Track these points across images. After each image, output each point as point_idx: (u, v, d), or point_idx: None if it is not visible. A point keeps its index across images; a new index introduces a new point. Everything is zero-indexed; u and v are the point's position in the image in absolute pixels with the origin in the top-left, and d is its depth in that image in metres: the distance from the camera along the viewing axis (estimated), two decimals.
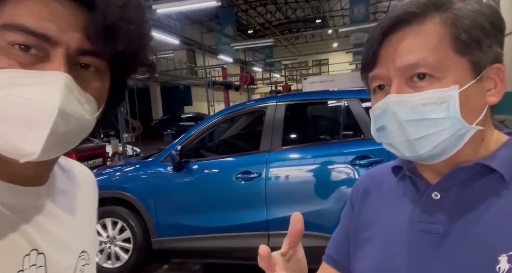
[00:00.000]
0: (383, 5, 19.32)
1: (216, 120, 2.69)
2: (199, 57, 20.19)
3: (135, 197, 2.65)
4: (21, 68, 0.32)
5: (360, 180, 0.58)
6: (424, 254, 0.42)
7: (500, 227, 0.38)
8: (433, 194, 0.44)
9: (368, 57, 0.43)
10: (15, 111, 0.32)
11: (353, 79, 10.07)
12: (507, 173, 0.40)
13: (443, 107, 0.39)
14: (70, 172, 0.48)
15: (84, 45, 0.34)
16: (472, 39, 0.39)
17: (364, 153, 2.21)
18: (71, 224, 0.44)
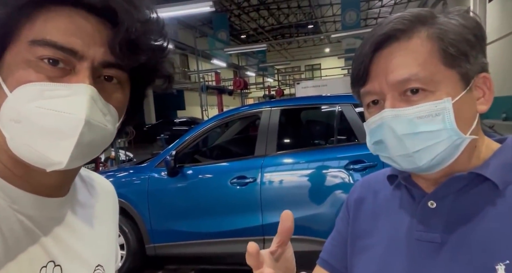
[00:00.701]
0: (374, 12, 19.65)
1: (211, 125, 2.70)
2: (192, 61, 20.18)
3: (128, 203, 2.62)
4: (48, 81, 0.34)
5: (355, 187, 0.58)
6: (422, 263, 0.42)
7: (497, 236, 0.39)
8: (429, 203, 0.44)
9: (360, 72, 0.43)
10: (43, 123, 0.33)
11: (345, 84, 10.21)
12: (500, 181, 0.41)
13: (439, 119, 0.40)
14: (90, 184, 0.48)
15: (108, 58, 0.36)
16: (460, 52, 0.40)
17: (358, 158, 2.24)
18: (89, 237, 0.44)
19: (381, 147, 0.44)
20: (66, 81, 0.35)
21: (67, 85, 0.34)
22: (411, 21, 0.41)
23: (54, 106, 0.33)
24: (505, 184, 0.41)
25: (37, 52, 0.34)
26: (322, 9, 19.07)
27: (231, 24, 18.81)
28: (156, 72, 0.41)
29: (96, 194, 0.48)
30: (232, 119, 2.87)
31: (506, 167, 0.41)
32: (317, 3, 17.90)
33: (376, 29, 0.43)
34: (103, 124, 0.36)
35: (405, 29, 0.41)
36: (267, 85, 22.60)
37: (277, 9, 18.69)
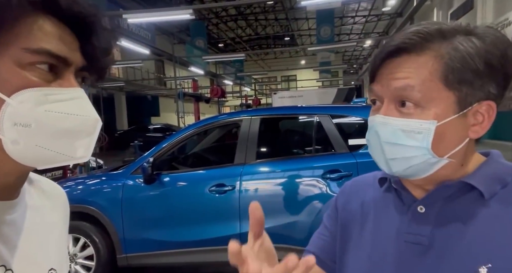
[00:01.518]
0: (347, 28, 20.56)
1: (190, 132, 2.67)
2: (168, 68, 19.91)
3: (100, 211, 2.52)
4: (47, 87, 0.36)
5: (345, 187, 0.60)
6: (410, 264, 0.45)
7: (480, 241, 0.41)
8: (419, 208, 0.46)
9: (371, 72, 0.47)
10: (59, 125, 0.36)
11: (320, 96, 10.50)
12: (486, 191, 0.43)
13: (419, 137, 0.42)
14: (40, 188, 0.48)
15: (84, 64, 0.40)
16: (461, 81, 0.41)
17: (334, 167, 2.31)
18: (41, 240, 0.43)
19: (368, 145, 0.48)
20: (58, 85, 0.37)
21: (67, 89, 0.37)
22: (425, 36, 0.42)
23: (66, 109, 0.36)
24: (490, 193, 0.43)
25: (32, 58, 0.35)
26: (298, 22, 19.67)
27: (209, 32, 18.85)
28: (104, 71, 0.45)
29: (47, 198, 0.48)
30: (211, 127, 2.87)
31: (491, 178, 0.44)
32: (293, 17, 18.44)
33: (394, 36, 0.45)
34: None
35: (417, 43, 0.42)
36: (244, 94, 22.74)
37: (255, 20, 19.03)
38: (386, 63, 0.44)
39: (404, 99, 0.43)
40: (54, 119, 0.36)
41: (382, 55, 0.45)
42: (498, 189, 0.43)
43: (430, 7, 11.74)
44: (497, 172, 0.45)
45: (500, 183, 0.44)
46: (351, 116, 2.63)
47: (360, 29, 21.09)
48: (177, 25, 17.03)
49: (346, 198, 0.58)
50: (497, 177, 0.44)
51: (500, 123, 8.01)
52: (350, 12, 17.99)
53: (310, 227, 2.24)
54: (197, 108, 14.35)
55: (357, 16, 18.32)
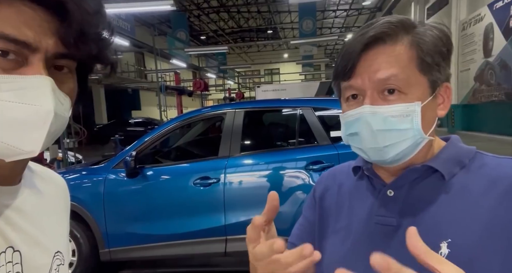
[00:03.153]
0: (328, 22, 20.72)
1: (173, 125, 2.65)
2: (149, 60, 19.43)
3: (81, 206, 2.47)
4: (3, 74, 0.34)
5: (322, 177, 0.63)
6: (381, 245, 0.48)
7: (442, 219, 0.45)
8: (388, 191, 0.50)
9: (346, 68, 0.47)
10: (10, 115, 0.33)
11: (303, 89, 10.60)
12: (446, 173, 0.47)
13: (408, 120, 0.45)
14: (41, 176, 0.48)
15: (60, 50, 0.36)
16: (434, 62, 0.46)
17: (317, 159, 2.37)
18: (46, 224, 0.44)
19: (355, 139, 0.49)
20: (20, 73, 0.34)
21: (25, 77, 0.34)
22: (397, 27, 0.46)
23: (19, 98, 0.34)
24: (450, 175, 0.47)
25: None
26: (281, 15, 19.63)
27: (190, 24, 18.50)
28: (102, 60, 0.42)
29: (48, 185, 0.48)
30: (195, 120, 2.85)
31: (451, 160, 0.48)
32: (276, 10, 18.37)
33: (365, 30, 0.47)
34: (63, 114, 0.37)
35: (392, 33, 0.46)
36: (227, 88, 22.59)
37: (237, 12, 18.82)
38: (363, 56, 0.46)
39: (387, 88, 0.45)
40: (3, 109, 0.33)
41: (358, 49, 0.46)
42: (457, 170, 0.47)
43: (408, 2, 12.01)
44: (456, 154, 0.48)
45: (458, 164, 0.47)
46: (333, 109, 2.68)
47: (341, 23, 21.31)
48: (158, 16, 16.60)
49: (323, 187, 0.61)
50: (456, 159, 0.48)
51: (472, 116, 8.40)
52: (331, 6, 18.12)
53: (293, 217, 2.29)
54: (179, 101, 14.14)
55: (338, 9, 18.48)
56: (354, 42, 0.47)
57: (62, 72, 0.38)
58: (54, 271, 0.43)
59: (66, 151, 5.24)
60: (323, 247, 0.56)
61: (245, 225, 0.69)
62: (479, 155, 0.49)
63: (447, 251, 0.43)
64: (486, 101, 7.87)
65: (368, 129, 0.47)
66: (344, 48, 0.48)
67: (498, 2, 7.11)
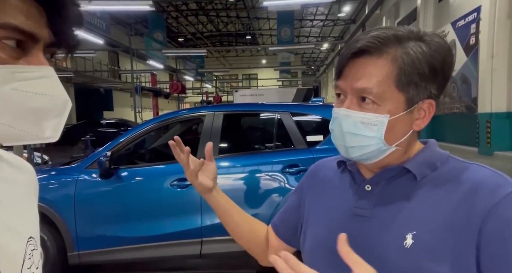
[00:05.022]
0: (306, 31, 21.27)
1: (150, 126, 2.62)
2: (123, 60, 18.90)
3: (49, 207, 2.37)
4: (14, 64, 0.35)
5: (312, 167, 0.69)
6: (355, 233, 0.53)
7: (410, 214, 0.50)
8: (366, 186, 0.55)
9: (337, 70, 0.53)
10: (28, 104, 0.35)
11: (281, 95, 10.79)
12: (418, 174, 0.52)
13: (375, 129, 0.50)
14: (9, 162, 0.48)
15: (52, 39, 0.38)
16: (410, 82, 0.49)
17: (293, 162, 2.43)
18: (18, 211, 0.44)
19: (332, 133, 0.55)
20: (25, 62, 0.36)
21: (35, 67, 0.36)
22: (384, 41, 0.49)
23: (34, 89, 0.35)
24: (421, 176, 0.51)
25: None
26: (260, 22, 19.89)
27: (168, 26, 18.25)
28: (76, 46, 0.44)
29: (17, 171, 0.48)
30: (173, 121, 2.84)
31: (424, 163, 0.52)
32: (255, 16, 18.60)
33: (358, 39, 0.51)
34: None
35: (377, 47, 0.49)
36: (205, 91, 22.41)
37: (216, 16, 18.84)
38: (351, 62, 0.51)
39: (364, 96, 0.50)
40: (22, 98, 0.35)
41: (347, 56, 0.51)
42: (428, 172, 0.52)
43: (380, 16, 12.62)
44: (429, 158, 0.53)
45: (430, 167, 0.52)
46: (310, 115, 2.77)
47: (318, 32, 21.94)
48: (134, 16, 16.23)
49: (311, 177, 0.67)
50: (429, 163, 0.52)
51: (437, 126, 8.93)
52: (309, 16, 18.63)
53: (269, 220, 2.33)
54: (155, 103, 13.85)
55: (315, 19, 19.04)
56: (348, 48, 0.51)
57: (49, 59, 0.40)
58: (29, 256, 0.43)
59: (32, 151, 4.97)
60: (306, 233, 0.62)
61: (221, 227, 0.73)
62: (451, 159, 0.54)
63: (411, 241, 0.48)
64: (449, 113, 8.40)
65: (339, 129, 0.53)
66: (342, 51, 0.54)
67: (460, 21, 7.66)
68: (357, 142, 0.51)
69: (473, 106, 7.25)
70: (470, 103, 7.44)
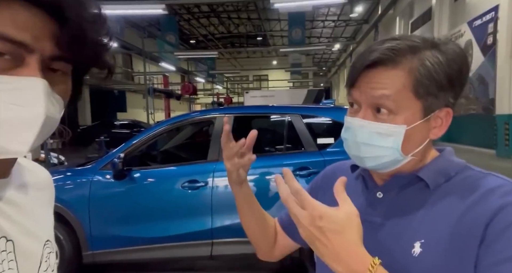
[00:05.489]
0: (317, 31, 21.14)
1: (162, 128, 2.66)
2: (136, 62, 19.23)
3: (65, 207, 2.44)
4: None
5: (329, 168, 0.69)
6: (365, 238, 0.52)
7: (419, 222, 0.50)
8: (378, 193, 0.55)
9: (350, 79, 0.52)
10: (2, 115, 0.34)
11: (291, 96, 10.77)
12: (431, 183, 0.51)
13: (391, 139, 0.50)
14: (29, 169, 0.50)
15: (55, 52, 0.37)
16: (427, 93, 0.49)
17: (303, 165, 2.43)
18: (35, 215, 0.46)
19: (345, 143, 0.55)
20: (16, 73, 0.35)
21: (20, 78, 0.34)
22: (399, 53, 0.48)
23: (11, 99, 0.34)
24: (435, 185, 0.51)
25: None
26: (271, 23, 19.88)
27: (180, 28, 18.47)
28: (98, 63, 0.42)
29: (35, 178, 0.50)
30: (185, 123, 2.87)
31: (438, 172, 0.52)
32: (266, 17, 18.61)
33: (371, 49, 0.50)
34: (54, 115, 0.37)
35: (392, 59, 0.49)
36: (216, 92, 22.56)
37: (228, 18, 18.95)
38: (365, 72, 0.50)
39: (379, 106, 0.49)
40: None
41: (361, 66, 0.50)
42: (442, 181, 0.51)
43: (393, 16, 12.41)
44: (444, 167, 0.52)
45: (444, 176, 0.51)
46: (321, 117, 2.76)
47: (329, 33, 21.78)
48: (147, 19, 16.51)
49: (327, 178, 0.67)
50: (443, 172, 0.52)
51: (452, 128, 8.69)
52: (320, 16, 18.51)
53: None
54: (167, 104, 14.03)
55: (327, 20, 18.90)
56: (362, 57, 0.51)
57: (57, 73, 0.39)
58: (45, 259, 0.45)
59: (49, 152, 5.12)
60: None
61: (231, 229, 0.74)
62: (467, 168, 0.52)
63: (420, 250, 0.48)
64: (465, 114, 8.21)
65: (354, 139, 0.52)
66: (354, 60, 0.53)
67: (477, 20, 7.47)
68: (372, 152, 0.51)
69: (490, 107, 7.05)
70: (487, 104, 7.25)
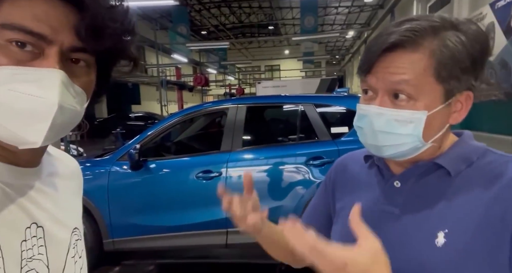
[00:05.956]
0: (330, 18, 20.64)
1: (176, 120, 2.70)
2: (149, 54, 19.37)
3: (85, 197, 2.51)
4: (18, 65, 0.35)
5: (339, 161, 0.67)
6: (383, 229, 0.51)
7: (442, 211, 0.48)
8: (395, 183, 0.53)
9: (366, 64, 0.49)
10: (18, 105, 0.35)
11: (304, 86, 10.65)
12: (452, 170, 0.49)
13: (411, 126, 0.47)
14: (58, 159, 0.52)
15: (75, 43, 0.37)
16: (451, 76, 0.46)
17: (317, 154, 2.42)
18: (64, 203, 0.48)
19: (360, 132, 0.52)
20: (36, 65, 0.36)
21: (38, 69, 0.35)
22: (420, 34, 0.45)
23: (28, 90, 0.35)
24: (456, 171, 0.49)
25: (5, 35, 0.34)
26: (283, 11, 19.53)
27: (191, 19, 18.39)
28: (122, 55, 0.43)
29: (64, 167, 0.52)
30: (198, 115, 2.90)
31: (459, 158, 0.49)
32: (277, 5, 18.28)
33: (389, 31, 0.47)
34: (73, 107, 0.38)
35: (412, 41, 0.45)
36: (228, 83, 22.54)
37: (239, 7, 18.72)
38: (382, 57, 0.47)
39: (398, 92, 0.47)
40: (13, 99, 0.35)
41: (378, 50, 0.47)
42: (464, 167, 0.49)
43: (410, 0, 11.97)
44: (464, 152, 0.50)
45: (465, 162, 0.49)
46: (334, 106, 2.73)
47: (343, 20, 21.22)
48: (159, 10, 16.51)
49: (339, 171, 0.66)
50: (464, 157, 0.50)
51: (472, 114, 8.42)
52: (333, 2, 18.03)
53: (293, 212, 2.35)
54: (180, 96, 14.14)
55: (340, 6, 18.40)
56: (378, 41, 0.47)
57: (79, 65, 0.39)
58: (73, 245, 0.47)
59: (69, 144, 5.28)
60: (334, 228, 0.62)
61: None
62: (488, 152, 0.50)
63: (444, 240, 0.46)
64: (486, 100, 7.90)
65: (370, 127, 0.49)
66: (369, 44, 0.50)
67: (500, 1, 7.11)
68: (391, 140, 0.48)
69: None
70: (510, 90, 6.96)
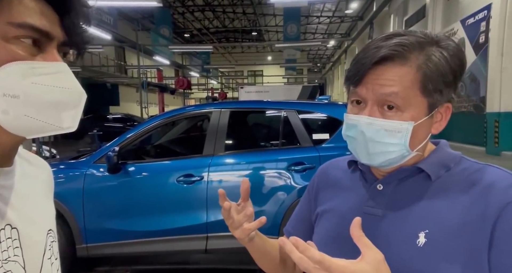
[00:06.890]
0: (312, 27, 21.11)
1: (157, 122, 2.65)
2: (129, 55, 18.99)
3: (58, 200, 2.42)
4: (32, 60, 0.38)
5: (322, 167, 0.70)
6: (367, 231, 0.51)
7: (423, 213, 0.50)
8: (378, 186, 0.56)
9: (356, 76, 0.51)
10: (47, 96, 0.38)
11: (286, 92, 10.80)
12: (433, 174, 0.52)
13: (399, 136, 0.50)
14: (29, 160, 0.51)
15: (65, 38, 0.41)
16: (435, 89, 0.50)
17: (299, 160, 2.44)
18: (38, 204, 0.47)
19: (350, 141, 0.55)
20: (41, 59, 0.38)
21: (51, 63, 0.39)
22: (408, 48, 0.49)
23: (52, 82, 0.38)
24: (436, 176, 0.52)
25: (16, 32, 0.36)
26: (266, 18, 19.78)
27: (174, 21, 18.25)
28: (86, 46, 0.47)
29: (36, 169, 0.51)
30: (180, 118, 2.86)
31: (438, 163, 0.53)
32: (261, 12, 18.50)
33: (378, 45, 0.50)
34: None
35: (402, 55, 0.49)
36: (210, 87, 22.44)
37: (223, 12, 18.77)
38: (372, 69, 0.50)
39: (387, 103, 0.50)
40: (41, 91, 0.37)
41: (369, 63, 0.49)
42: (443, 172, 0.53)
43: (388, 13, 12.46)
44: (443, 158, 0.54)
45: (444, 167, 0.53)
46: (316, 113, 2.78)
47: (324, 29, 21.76)
48: (141, 11, 16.26)
49: (322, 177, 0.68)
50: (443, 163, 0.53)
51: None
52: (315, 12, 18.47)
53: (274, 216, 2.36)
54: (161, 99, 13.92)
55: (322, 16, 18.88)
56: (367, 54, 0.50)
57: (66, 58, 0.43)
58: (49, 247, 0.46)
59: (41, 145, 5.05)
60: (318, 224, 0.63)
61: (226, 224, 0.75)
62: (464, 159, 0.54)
63: (424, 240, 0.48)
64: (457, 112, 8.33)
65: (361, 136, 0.52)
66: (358, 55, 0.52)
67: (470, 18, 7.54)
68: (380, 148, 0.51)
69: (481, 105, 7.17)
70: (479, 102, 7.36)
